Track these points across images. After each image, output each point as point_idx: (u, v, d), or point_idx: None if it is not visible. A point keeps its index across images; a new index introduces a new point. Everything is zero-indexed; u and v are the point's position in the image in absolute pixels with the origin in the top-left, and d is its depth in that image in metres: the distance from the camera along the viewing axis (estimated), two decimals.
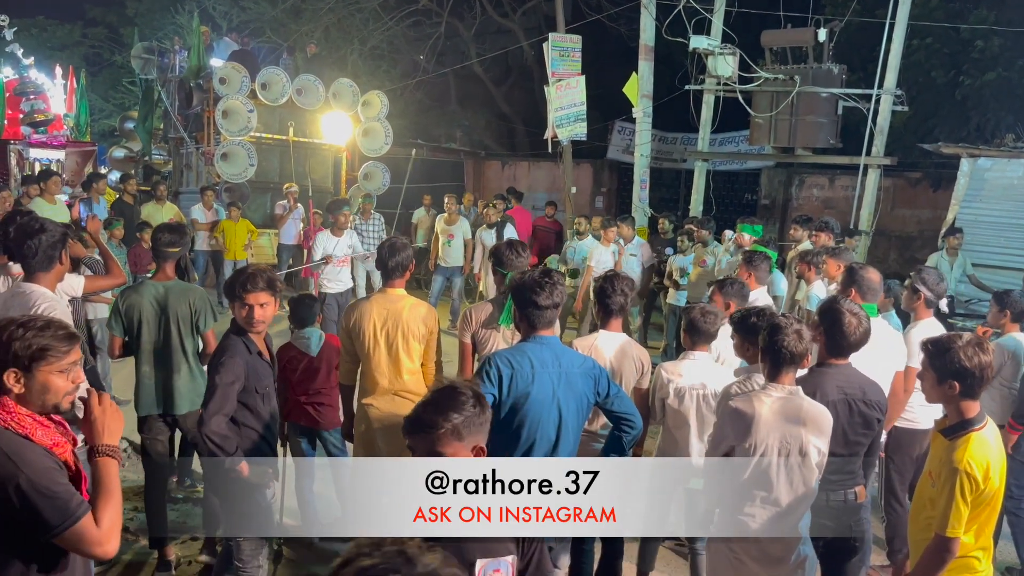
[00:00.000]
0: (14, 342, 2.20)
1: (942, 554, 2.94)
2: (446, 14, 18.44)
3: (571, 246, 9.71)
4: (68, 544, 2.14)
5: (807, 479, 3.16)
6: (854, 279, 4.49)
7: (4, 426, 2.18)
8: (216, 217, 10.94)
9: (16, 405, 2.21)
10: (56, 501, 2.10)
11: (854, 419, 3.40)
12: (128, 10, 22.99)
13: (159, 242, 4.53)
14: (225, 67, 12.29)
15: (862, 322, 3.42)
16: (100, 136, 20.41)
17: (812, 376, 3.44)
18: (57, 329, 2.29)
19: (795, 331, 3.17)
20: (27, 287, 3.55)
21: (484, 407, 2.23)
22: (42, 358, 2.22)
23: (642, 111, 11.92)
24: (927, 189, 14.07)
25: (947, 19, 12.54)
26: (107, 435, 2.29)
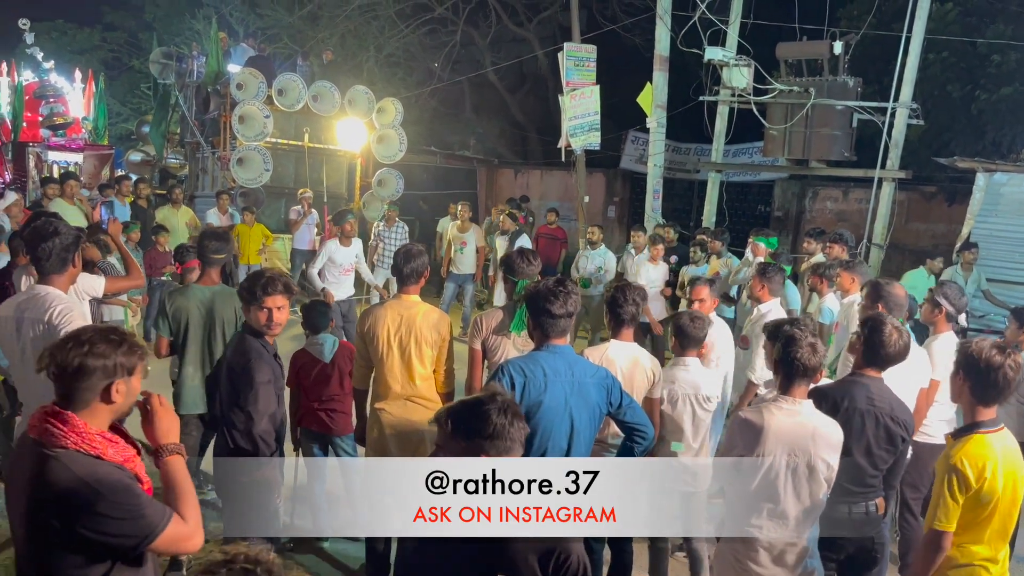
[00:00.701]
0: (117, 352, 2.19)
1: (932, 548, 2.99)
2: (462, 22, 18.54)
3: (584, 255, 9.72)
4: (161, 547, 2.15)
5: (815, 493, 3.16)
6: (880, 294, 4.51)
7: (76, 449, 2.13)
8: (231, 221, 11.01)
9: (86, 425, 2.17)
10: (143, 511, 2.12)
11: (879, 433, 3.41)
12: (146, 15, 23.23)
13: (206, 249, 4.66)
14: (242, 73, 12.40)
15: (902, 336, 3.44)
16: (117, 140, 20.61)
17: (843, 384, 3.48)
18: (131, 336, 2.30)
19: (809, 344, 3.16)
20: (42, 289, 3.58)
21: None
22: (138, 366, 2.25)
23: (656, 121, 11.94)
24: (942, 203, 14.02)
25: (964, 33, 12.52)
26: (171, 434, 2.31)
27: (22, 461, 2.18)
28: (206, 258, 4.69)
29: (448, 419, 2.14)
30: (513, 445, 2.10)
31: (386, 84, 17.36)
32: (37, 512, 2.10)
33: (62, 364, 2.14)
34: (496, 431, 2.08)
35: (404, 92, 16.86)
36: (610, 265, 9.54)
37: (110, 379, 2.18)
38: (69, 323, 3.44)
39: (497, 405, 2.10)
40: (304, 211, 11.37)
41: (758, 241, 7.97)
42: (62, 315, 3.46)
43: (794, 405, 3.17)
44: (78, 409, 2.17)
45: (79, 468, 2.10)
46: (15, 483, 2.20)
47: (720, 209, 12.38)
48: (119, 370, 2.19)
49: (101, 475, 2.10)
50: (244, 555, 1.45)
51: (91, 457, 2.14)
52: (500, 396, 2.14)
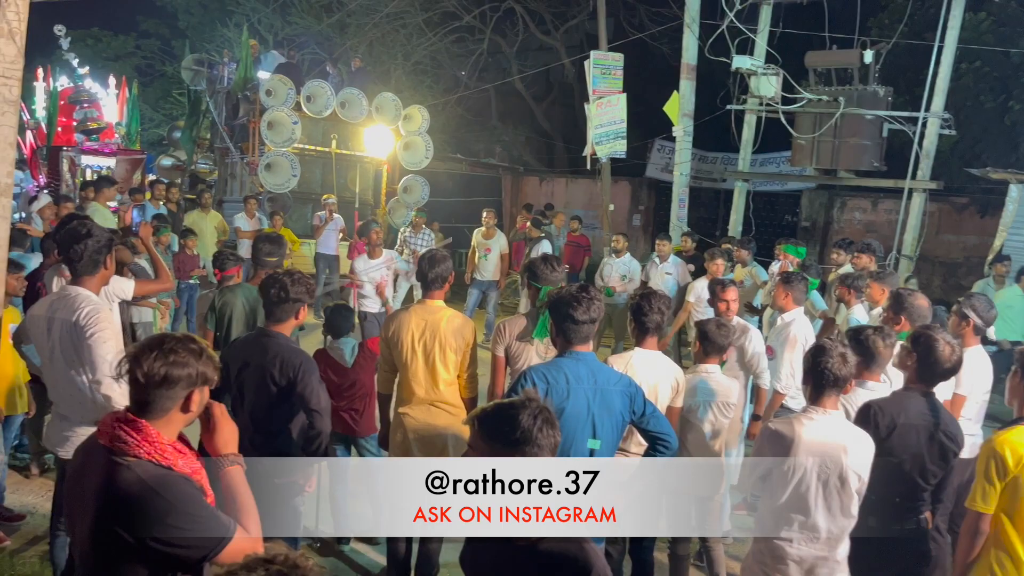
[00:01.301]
0: (198, 361, 2.18)
1: (971, 530, 3.09)
2: (489, 31, 18.62)
3: (608, 263, 9.69)
4: (226, 560, 2.10)
5: (846, 505, 3.13)
6: (903, 305, 4.46)
7: (148, 459, 2.11)
8: (259, 226, 11.11)
9: (159, 435, 2.15)
10: (210, 523, 2.11)
11: (933, 448, 3.37)
12: (180, 23, 23.57)
13: (259, 251, 4.89)
14: (272, 79, 12.54)
15: (955, 351, 3.40)
16: (149, 145, 20.91)
17: (899, 398, 3.44)
18: (207, 345, 2.29)
19: (840, 354, 3.14)
20: (72, 290, 3.62)
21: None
22: (214, 374, 2.24)
23: (683, 130, 11.91)
24: (973, 215, 13.80)
25: (997, 43, 12.35)
26: (231, 444, 2.31)
27: (90, 467, 2.15)
28: (259, 260, 4.89)
29: (478, 421, 2.13)
30: (541, 452, 2.09)
31: (413, 91, 17.48)
32: (104, 521, 2.07)
33: (148, 374, 2.11)
34: (523, 435, 2.06)
35: (431, 100, 16.98)
36: (634, 274, 9.51)
37: (191, 388, 2.17)
38: (96, 325, 3.47)
39: (529, 410, 2.09)
40: (328, 217, 11.46)
41: (786, 250, 7.90)
42: (89, 316, 3.48)
43: (825, 416, 3.14)
44: (154, 418, 2.16)
45: (151, 478, 2.07)
46: (80, 489, 2.16)
47: (746, 219, 12.30)
48: (199, 379, 2.19)
49: (172, 486, 2.08)
50: (284, 556, 1.45)
51: (162, 468, 2.11)
52: (533, 401, 2.13)
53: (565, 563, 2.08)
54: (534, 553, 2.11)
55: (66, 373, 3.56)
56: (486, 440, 2.11)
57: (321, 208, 11.82)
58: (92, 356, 3.46)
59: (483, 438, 2.12)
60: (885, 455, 3.27)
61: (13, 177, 3.63)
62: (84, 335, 3.46)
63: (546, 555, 2.09)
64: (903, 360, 3.50)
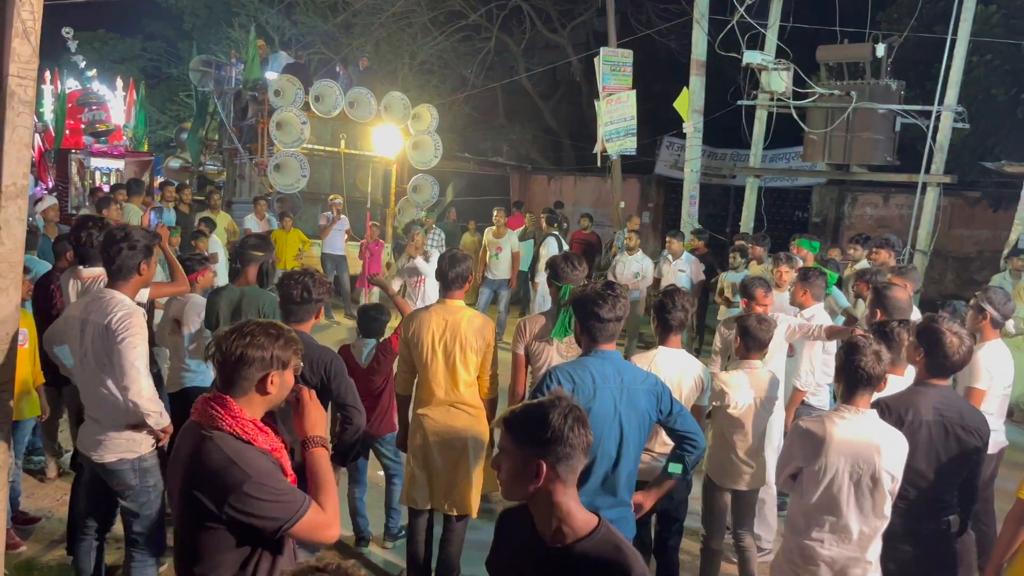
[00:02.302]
0: (274, 345, 2.32)
1: (1016, 517, 3.09)
2: (496, 29, 18.56)
3: (621, 260, 9.64)
4: (299, 533, 2.25)
5: (879, 506, 3.06)
6: (882, 299, 4.44)
7: (230, 431, 2.26)
8: (269, 227, 11.09)
9: (242, 411, 2.30)
10: (284, 497, 2.22)
11: (949, 443, 3.28)
12: (185, 25, 23.60)
13: (246, 245, 4.87)
14: (280, 80, 12.51)
15: (964, 341, 3.33)
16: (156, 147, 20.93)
17: (908, 395, 3.36)
18: (294, 340, 2.39)
19: (874, 352, 3.06)
20: (108, 293, 3.61)
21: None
22: (292, 360, 2.36)
23: (693, 126, 11.84)
24: (986, 209, 13.71)
25: (1008, 36, 12.25)
26: (318, 427, 2.42)
27: (183, 441, 2.33)
28: (245, 255, 4.87)
29: (507, 423, 2.07)
30: (574, 452, 2.02)
31: (420, 91, 17.44)
32: (189, 486, 2.24)
33: (225, 352, 2.29)
34: (554, 435, 1.99)
35: (438, 99, 16.93)
36: (647, 271, 9.45)
37: (266, 371, 2.31)
38: (127, 330, 3.45)
39: (559, 409, 2.02)
40: (334, 217, 11.42)
41: (801, 244, 7.81)
42: (122, 321, 3.47)
43: (857, 415, 3.07)
44: (236, 396, 2.31)
45: (230, 449, 2.23)
46: (176, 463, 2.34)
47: (758, 215, 12.23)
48: (275, 362, 2.32)
49: (249, 458, 2.22)
50: (336, 564, 1.44)
51: (242, 441, 2.26)
52: (563, 400, 2.07)
53: (602, 567, 2.02)
54: (569, 556, 2.05)
55: (97, 376, 3.55)
56: (516, 442, 2.05)
57: (329, 208, 11.79)
58: (121, 361, 3.45)
59: (513, 440, 2.06)
60: None
61: (29, 179, 3.60)
62: (115, 339, 3.45)
63: (582, 558, 2.03)
64: (911, 355, 3.43)
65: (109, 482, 3.64)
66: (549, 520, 2.06)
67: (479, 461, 4.22)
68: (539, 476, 2.00)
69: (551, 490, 2.02)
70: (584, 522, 2.07)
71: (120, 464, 3.58)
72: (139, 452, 3.61)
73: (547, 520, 2.06)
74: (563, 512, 2.04)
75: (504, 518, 2.35)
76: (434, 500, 4.22)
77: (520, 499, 2.10)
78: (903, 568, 3.33)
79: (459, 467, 4.17)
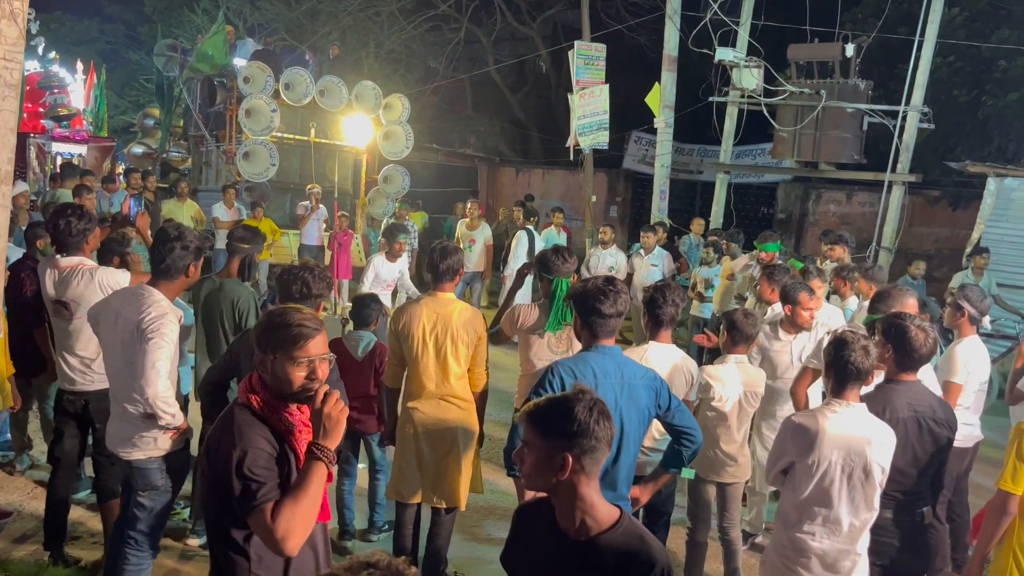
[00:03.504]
0: (266, 327, 2.34)
1: (998, 509, 3.20)
2: (465, 20, 18.47)
3: (595, 255, 9.68)
4: (252, 528, 2.24)
5: (869, 498, 3.11)
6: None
7: (243, 403, 2.32)
8: (238, 216, 10.93)
9: (263, 388, 2.34)
10: (250, 484, 2.20)
11: (924, 437, 3.36)
12: (146, 8, 23.06)
13: (232, 238, 4.80)
14: (250, 66, 12.31)
15: (928, 334, 3.40)
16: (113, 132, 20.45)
17: (881, 392, 3.42)
18: (302, 321, 2.34)
19: (862, 347, 3.10)
20: (147, 291, 3.55)
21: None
22: (284, 349, 2.30)
23: (664, 121, 11.92)
24: (946, 207, 14.05)
25: (969, 38, 12.55)
26: (324, 436, 2.26)
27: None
28: (231, 246, 4.82)
29: (532, 416, 2.08)
30: (599, 444, 2.04)
31: (386, 80, 17.27)
32: (206, 449, 2.35)
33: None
34: (581, 428, 2.01)
35: (405, 89, 16.79)
36: (621, 265, 9.51)
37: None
38: (157, 331, 3.40)
39: (584, 402, 2.04)
40: (312, 206, 11.30)
41: (764, 248, 7.81)
42: (153, 321, 3.41)
43: (848, 408, 3.12)
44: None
45: (238, 418, 2.29)
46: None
47: (727, 210, 12.39)
48: (264, 346, 2.34)
49: (246, 431, 2.25)
50: (389, 561, 1.43)
51: (252, 415, 2.31)
52: (587, 393, 2.09)
53: (628, 558, 2.04)
54: (595, 548, 2.06)
55: (124, 371, 3.50)
56: (542, 435, 2.05)
57: (302, 197, 11.65)
58: (144, 360, 3.39)
59: (539, 433, 2.06)
60: None
61: (13, 164, 3.50)
62: (144, 338, 3.39)
63: (608, 550, 2.05)
64: (880, 353, 3.48)
65: (133, 480, 3.60)
66: (573, 513, 2.07)
67: (469, 454, 4.22)
68: (565, 469, 2.02)
69: (575, 482, 2.04)
70: (607, 514, 2.09)
71: (148, 463, 3.55)
72: (166, 451, 3.58)
73: (570, 513, 2.08)
74: (587, 504, 2.06)
75: (522, 513, 2.35)
76: (423, 493, 4.21)
77: (543, 490, 2.11)
78: (881, 559, 3.39)
79: (449, 460, 4.17)
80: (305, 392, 2.31)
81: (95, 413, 4.08)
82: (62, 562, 4.30)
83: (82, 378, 4.21)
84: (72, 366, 4.22)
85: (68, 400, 4.27)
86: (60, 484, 4.41)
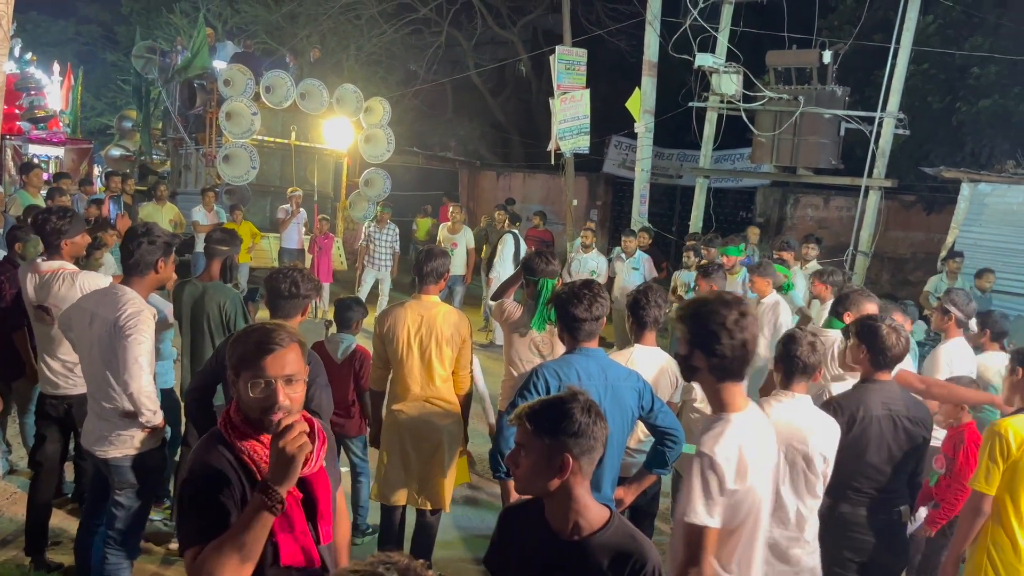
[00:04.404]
0: (232, 345, 2.11)
1: (972, 509, 3.26)
2: (446, 24, 18.49)
3: (576, 258, 9.72)
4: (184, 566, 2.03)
5: (812, 485, 3.17)
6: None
7: (220, 426, 2.09)
8: (218, 219, 10.85)
9: (237, 411, 2.09)
10: (185, 518, 2.01)
11: (899, 435, 3.42)
12: (123, 9, 22.85)
13: (211, 241, 4.78)
14: (230, 69, 12.25)
15: (900, 333, 3.48)
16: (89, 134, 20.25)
17: (857, 393, 3.48)
18: (265, 340, 2.05)
19: (809, 343, 3.23)
20: (121, 289, 3.57)
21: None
22: (243, 367, 2.04)
23: (644, 126, 12.02)
24: (920, 212, 14.25)
25: (943, 45, 12.74)
26: (272, 476, 1.90)
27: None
28: (209, 249, 4.80)
29: (529, 418, 2.10)
30: (596, 444, 2.07)
31: (366, 84, 17.25)
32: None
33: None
34: (580, 429, 2.04)
35: (385, 92, 16.78)
36: (602, 269, 9.57)
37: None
38: (135, 328, 3.42)
39: (580, 404, 2.07)
40: (292, 210, 11.25)
41: (725, 252, 7.88)
42: (130, 318, 3.42)
43: (793, 399, 3.20)
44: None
45: (199, 444, 2.12)
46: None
47: (706, 215, 12.49)
48: (231, 365, 2.14)
49: (200, 457, 2.06)
50: (407, 563, 1.44)
51: (221, 441, 2.07)
52: (582, 395, 2.12)
53: (621, 557, 2.06)
54: (588, 548, 2.08)
55: (102, 370, 3.51)
56: (540, 436, 2.07)
57: (282, 201, 11.60)
58: (125, 355, 3.42)
59: (536, 434, 2.07)
60: (851, 448, 3.35)
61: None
62: (122, 335, 3.41)
63: (602, 549, 2.07)
64: (855, 355, 3.56)
65: (110, 478, 3.60)
66: (566, 514, 2.09)
67: (454, 456, 4.24)
68: (564, 470, 2.04)
69: (571, 484, 2.06)
70: (598, 514, 2.11)
71: (123, 460, 3.55)
72: (142, 449, 3.58)
73: (564, 514, 2.10)
74: (580, 505, 2.08)
75: (509, 514, 2.37)
76: (408, 495, 4.22)
77: (539, 494, 2.12)
78: (860, 557, 3.46)
79: (434, 461, 4.19)
80: (266, 417, 2.01)
81: (78, 417, 4.06)
82: (44, 567, 4.28)
83: (65, 382, 4.19)
84: (55, 370, 4.20)
85: (51, 404, 4.25)
86: (42, 489, 4.38)
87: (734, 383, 2.50)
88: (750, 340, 2.43)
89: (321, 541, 2.14)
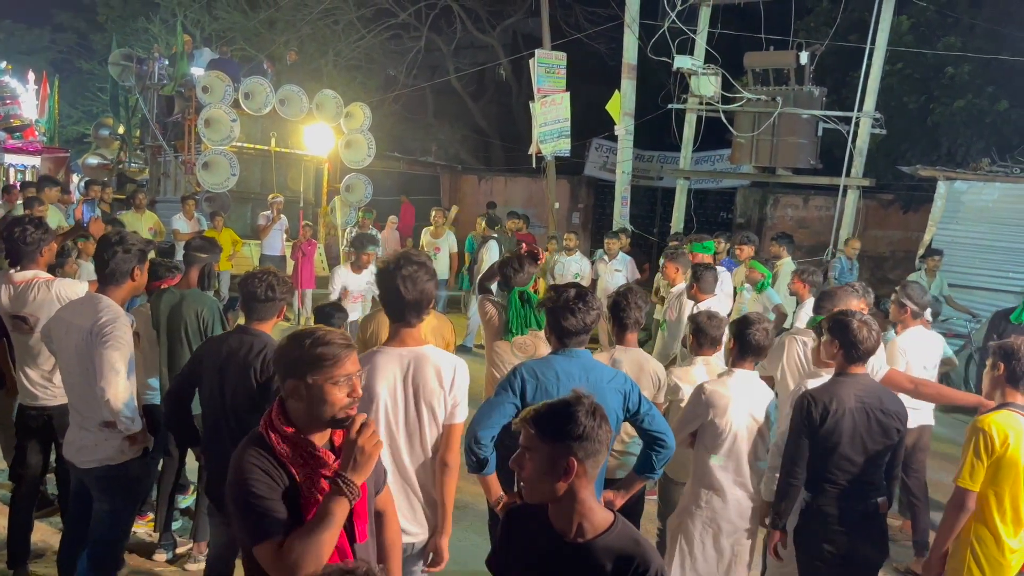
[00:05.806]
0: (295, 352, 2.16)
1: (956, 505, 3.31)
2: (425, 29, 18.48)
3: (559, 261, 9.74)
4: (258, 556, 2.08)
5: (758, 449, 3.79)
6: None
7: (261, 431, 2.17)
8: (198, 227, 10.79)
9: (279, 417, 2.17)
10: (249, 517, 2.08)
11: (872, 427, 3.47)
12: (99, 17, 22.66)
13: (189, 247, 4.76)
14: (208, 76, 12.18)
15: (871, 327, 3.55)
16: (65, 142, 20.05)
17: (830, 386, 3.54)
18: (334, 340, 2.19)
19: (763, 328, 3.82)
20: (96, 298, 3.56)
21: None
22: (325, 367, 2.14)
23: (624, 129, 12.07)
24: (898, 211, 14.42)
25: (917, 45, 12.89)
26: (353, 469, 2.07)
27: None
28: (188, 256, 4.76)
29: (534, 421, 2.09)
30: (601, 448, 2.07)
31: (346, 89, 17.20)
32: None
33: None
34: (585, 432, 2.04)
35: (365, 97, 16.75)
36: (585, 271, 9.59)
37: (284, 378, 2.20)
38: (111, 335, 3.40)
39: (584, 407, 2.07)
40: (274, 216, 11.20)
41: (694, 249, 7.87)
42: (106, 325, 3.41)
43: (745, 373, 3.84)
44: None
45: (240, 448, 2.17)
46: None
47: (687, 216, 12.57)
48: (295, 370, 2.19)
49: (240, 463, 2.12)
50: (367, 568, 1.44)
51: (259, 446, 2.15)
52: (586, 399, 2.11)
53: (624, 560, 2.07)
54: (592, 551, 2.08)
55: (81, 379, 3.49)
56: (546, 440, 2.07)
57: (263, 208, 11.54)
58: (102, 362, 3.40)
59: (543, 438, 2.07)
60: (825, 440, 3.43)
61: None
62: (98, 342, 3.40)
63: (605, 553, 2.07)
64: (828, 350, 3.63)
65: (92, 489, 3.57)
66: (571, 517, 2.09)
67: None
68: (570, 473, 2.04)
69: (576, 487, 2.06)
70: (602, 518, 2.12)
71: (105, 471, 3.52)
72: (124, 459, 3.55)
73: (568, 517, 2.10)
74: (585, 508, 2.08)
75: (511, 516, 2.37)
76: None
77: (546, 499, 2.11)
78: (838, 549, 3.49)
79: None
80: (347, 413, 2.15)
81: (59, 428, 4.01)
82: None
83: (44, 393, 4.15)
84: (34, 381, 4.16)
85: (31, 416, 4.20)
86: (23, 501, 4.33)
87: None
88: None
89: (357, 539, 2.21)
